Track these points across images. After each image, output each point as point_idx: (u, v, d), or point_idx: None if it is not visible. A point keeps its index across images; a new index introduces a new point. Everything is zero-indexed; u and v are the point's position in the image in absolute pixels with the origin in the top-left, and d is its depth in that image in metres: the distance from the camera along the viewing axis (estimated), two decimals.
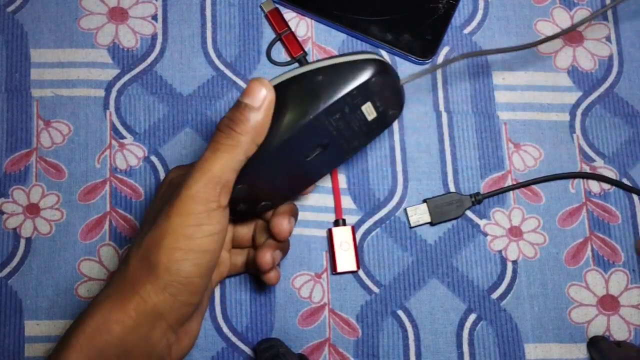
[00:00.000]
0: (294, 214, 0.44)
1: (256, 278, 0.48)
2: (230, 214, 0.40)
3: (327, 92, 0.38)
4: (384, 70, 0.39)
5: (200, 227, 0.36)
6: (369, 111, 0.39)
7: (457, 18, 0.53)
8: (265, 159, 0.39)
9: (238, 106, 0.37)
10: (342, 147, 0.41)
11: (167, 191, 0.41)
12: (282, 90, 0.38)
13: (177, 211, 0.36)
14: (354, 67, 0.38)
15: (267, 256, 0.42)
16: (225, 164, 0.37)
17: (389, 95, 0.39)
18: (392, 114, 0.40)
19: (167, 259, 0.36)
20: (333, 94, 0.38)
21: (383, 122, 0.41)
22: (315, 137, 0.39)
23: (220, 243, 0.38)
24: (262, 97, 0.37)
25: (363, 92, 0.38)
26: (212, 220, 0.37)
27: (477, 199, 0.49)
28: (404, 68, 0.52)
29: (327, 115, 0.38)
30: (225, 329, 0.47)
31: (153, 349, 0.37)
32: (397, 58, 0.52)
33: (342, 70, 0.38)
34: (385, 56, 0.52)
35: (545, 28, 0.53)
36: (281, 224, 0.42)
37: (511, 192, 0.50)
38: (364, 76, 0.38)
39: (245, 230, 0.45)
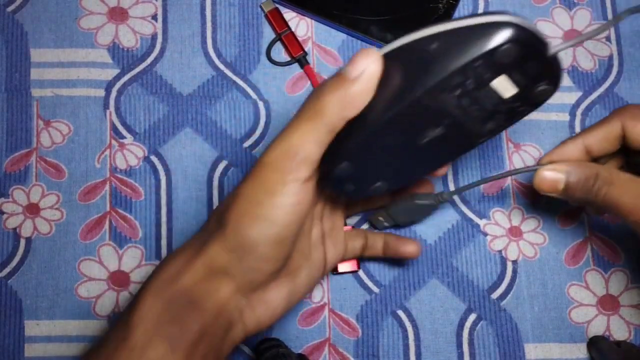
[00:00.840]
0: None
1: None
2: (339, 194, 0.38)
3: (441, 62, 0.31)
4: (520, 36, 0.30)
5: (271, 195, 0.35)
6: (504, 87, 0.32)
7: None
8: (368, 136, 0.34)
9: (336, 74, 0.34)
10: (470, 129, 0.34)
11: None
12: (391, 59, 0.33)
13: (252, 176, 0.36)
14: (478, 32, 0.31)
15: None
16: (304, 133, 0.34)
17: (532, 66, 0.32)
18: (541, 90, 0.33)
19: (235, 221, 0.35)
20: (447, 66, 0.31)
21: (530, 100, 0.33)
22: (428, 116, 0.33)
23: (296, 217, 0.36)
24: (362, 68, 0.33)
25: (489, 64, 0.31)
26: (287, 191, 0.35)
27: (443, 198, 0.45)
28: None
29: (442, 92, 0.32)
30: None
31: (222, 308, 0.36)
32: None
33: (462, 37, 0.31)
34: None
35: (546, 28, 0.53)
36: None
37: (511, 192, 0.50)
38: (490, 44, 0.30)
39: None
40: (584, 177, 0.40)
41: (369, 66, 0.33)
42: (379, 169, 0.37)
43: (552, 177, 0.41)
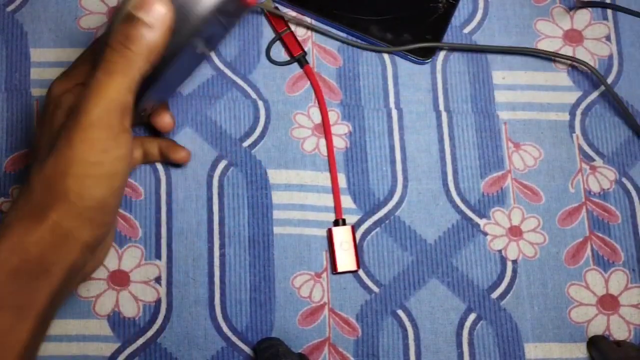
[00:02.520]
0: (166, 106, 0.48)
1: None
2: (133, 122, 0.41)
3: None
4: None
5: (107, 152, 0.36)
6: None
7: (457, 18, 0.53)
8: (167, 70, 0.38)
9: (131, 21, 0.36)
10: (221, 32, 0.41)
11: (58, 112, 0.40)
12: None
13: (80, 138, 0.36)
14: None
15: (167, 118, 0.46)
16: (121, 87, 0.36)
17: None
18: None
19: (79, 187, 0.36)
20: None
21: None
22: (203, 35, 0.39)
23: (128, 163, 0.38)
24: (159, 16, 0.36)
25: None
26: (119, 144, 0.37)
27: None
28: (404, 67, 0.52)
29: (216, 14, 0.38)
30: (225, 329, 0.47)
31: (71, 269, 0.37)
32: (397, 57, 0.52)
33: None
34: (385, 56, 0.52)
35: (545, 28, 0.53)
36: (164, 119, 0.46)
37: (511, 191, 0.50)
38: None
39: None
40: None
41: (166, 13, 0.36)
42: (166, 91, 0.45)
43: None
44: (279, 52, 0.52)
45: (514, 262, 0.49)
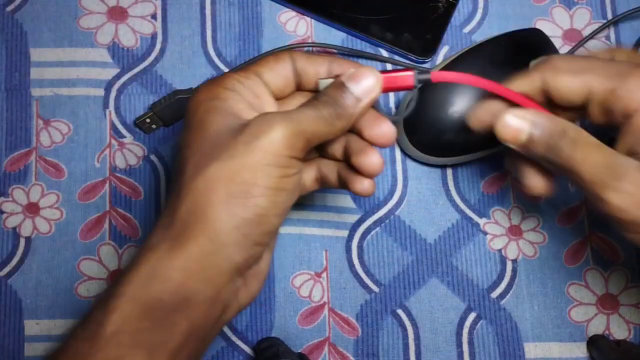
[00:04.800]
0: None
1: None
2: None
3: None
4: None
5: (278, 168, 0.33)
6: None
7: (457, 17, 0.53)
8: None
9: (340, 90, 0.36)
10: None
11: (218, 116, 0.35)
12: None
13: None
14: None
15: (376, 157, 0.38)
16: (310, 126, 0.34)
17: None
18: None
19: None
20: None
21: None
22: None
23: (298, 181, 0.35)
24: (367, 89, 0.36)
25: None
26: (290, 163, 0.34)
27: None
28: (404, 66, 0.52)
29: None
30: (225, 328, 0.47)
31: (217, 297, 0.32)
32: (396, 57, 0.52)
33: None
34: (385, 55, 0.52)
35: (545, 27, 0.53)
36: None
37: (511, 191, 0.50)
38: None
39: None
40: (549, 132, 0.35)
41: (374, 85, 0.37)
42: None
43: (516, 125, 0.36)
44: None
45: (514, 261, 0.49)
